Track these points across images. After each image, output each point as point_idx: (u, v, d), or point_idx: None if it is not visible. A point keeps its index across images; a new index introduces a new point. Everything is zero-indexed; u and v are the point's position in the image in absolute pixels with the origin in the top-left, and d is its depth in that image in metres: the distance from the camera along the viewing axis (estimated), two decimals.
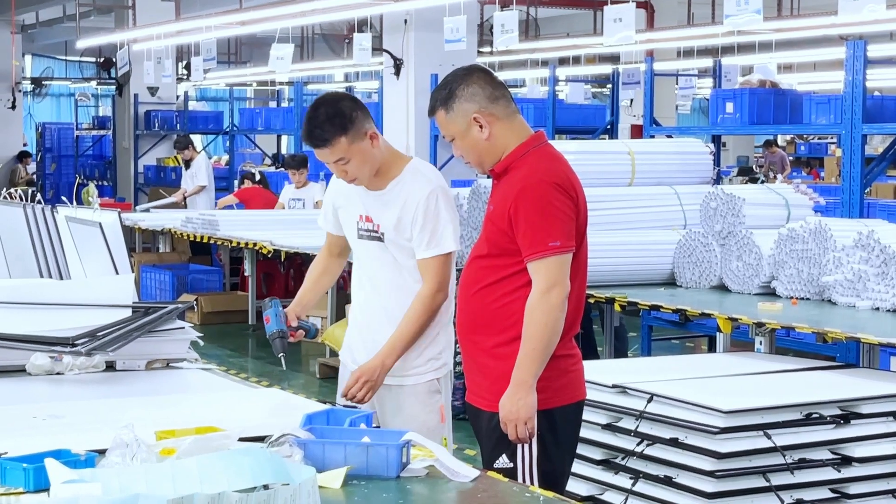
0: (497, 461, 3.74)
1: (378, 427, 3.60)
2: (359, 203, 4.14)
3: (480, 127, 3.72)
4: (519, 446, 3.70)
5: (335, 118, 3.92)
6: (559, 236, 3.63)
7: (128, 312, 4.14)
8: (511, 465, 3.72)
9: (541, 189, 3.65)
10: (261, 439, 2.91)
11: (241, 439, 2.90)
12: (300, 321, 4.24)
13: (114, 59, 20.66)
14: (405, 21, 12.91)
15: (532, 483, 3.69)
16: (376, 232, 4.10)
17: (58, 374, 3.98)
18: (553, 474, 3.76)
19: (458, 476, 2.85)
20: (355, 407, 3.90)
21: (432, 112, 3.81)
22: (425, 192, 4.01)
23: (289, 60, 14.21)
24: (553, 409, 3.74)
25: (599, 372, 5.56)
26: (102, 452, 2.70)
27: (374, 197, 4.09)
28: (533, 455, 3.73)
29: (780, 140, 24.25)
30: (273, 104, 25.72)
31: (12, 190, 5.60)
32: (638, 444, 5.16)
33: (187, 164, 16.43)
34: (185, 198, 16.01)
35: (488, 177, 3.89)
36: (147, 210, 15.37)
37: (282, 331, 4.16)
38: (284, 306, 4.25)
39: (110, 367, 4.08)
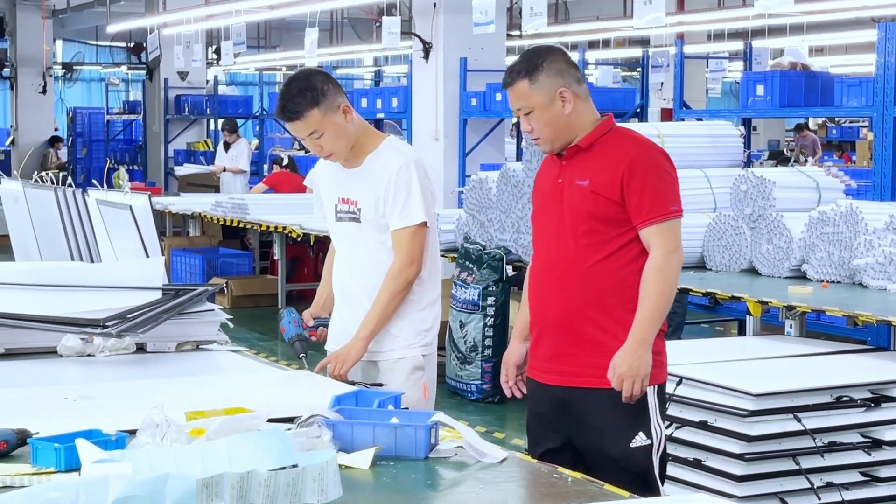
0: (634, 440, 3.71)
1: None
2: (336, 185, 4.20)
3: (563, 103, 3.72)
4: (653, 422, 3.71)
5: (307, 91, 3.98)
6: (676, 201, 3.75)
7: (158, 294, 4.16)
8: (648, 441, 3.72)
9: (655, 157, 3.75)
10: (290, 420, 2.93)
11: (270, 420, 2.92)
12: (318, 319, 4.27)
13: (144, 44, 20.72)
14: (434, 4, 12.88)
15: (659, 461, 3.74)
16: (354, 213, 4.14)
17: (89, 355, 4.01)
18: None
19: (487, 457, 2.85)
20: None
21: (511, 83, 3.74)
22: (398, 164, 4.05)
23: (315, 44, 14.22)
24: (663, 384, 3.80)
25: None
26: (133, 433, 2.72)
27: (350, 175, 4.15)
28: (662, 430, 3.76)
29: (812, 124, 24.12)
30: None
31: (44, 174, 5.63)
32: (667, 427, 5.15)
33: (227, 146, 16.52)
34: (223, 170, 16.18)
35: (559, 154, 3.81)
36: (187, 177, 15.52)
37: (299, 334, 4.20)
38: (301, 310, 4.31)
39: (141, 348, 4.10)
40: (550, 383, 3.81)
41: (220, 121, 18.87)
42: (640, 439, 3.71)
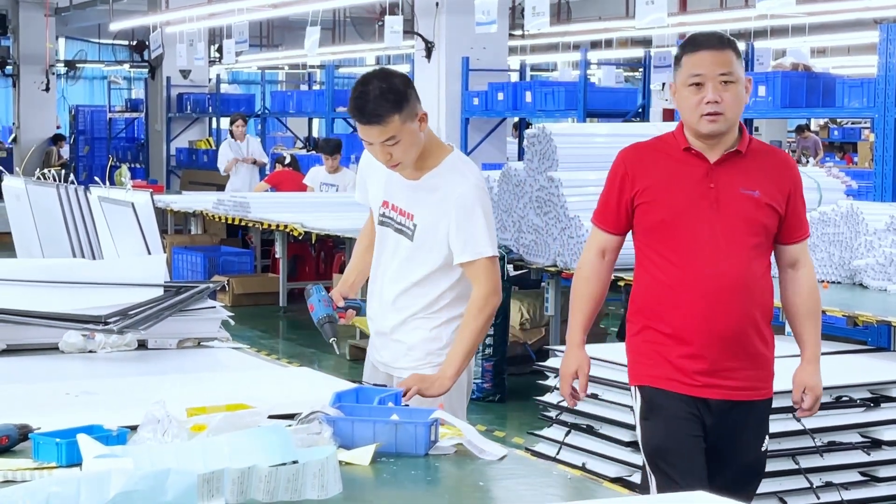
0: (763, 444, 3.81)
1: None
2: (384, 186, 3.93)
3: (746, 91, 3.68)
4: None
5: (389, 94, 3.66)
6: None
7: (160, 291, 4.17)
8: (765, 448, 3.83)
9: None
10: (290, 417, 2.93)
11: (271, 417, 2.92)
12: (347, 301, 4.03)
13: (146, 42, 20.75)
14: (437, 4, 12.91)
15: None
16: (407, 228, 3.88)
17: (90, 351, 4.02)
18: None
19: (486, 454, 2.86)
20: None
21: (721, 47, 3.58)
22: (460, 191, 3.77)
23: (317, 42, 14.22)
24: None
25: None
26: (134, 428, 2.72)
27: (406, 186, 3.87)
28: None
29: (814, 125, 24.11)
30: (304, 87, 25.76)
31: (46, 171, 5.64)
32: None
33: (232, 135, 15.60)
34: (254, 162, 15.35)
35: (692, 152, 3.64)
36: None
37: (329, 315, 3.95)
38: (328, 289, 4.09)
39: (142, 345, 4.11)
40: (708, 397, 3.67)
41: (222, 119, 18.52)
42: (766, 443, 3.82)
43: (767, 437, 3.82)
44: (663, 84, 16.28)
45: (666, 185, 3.67)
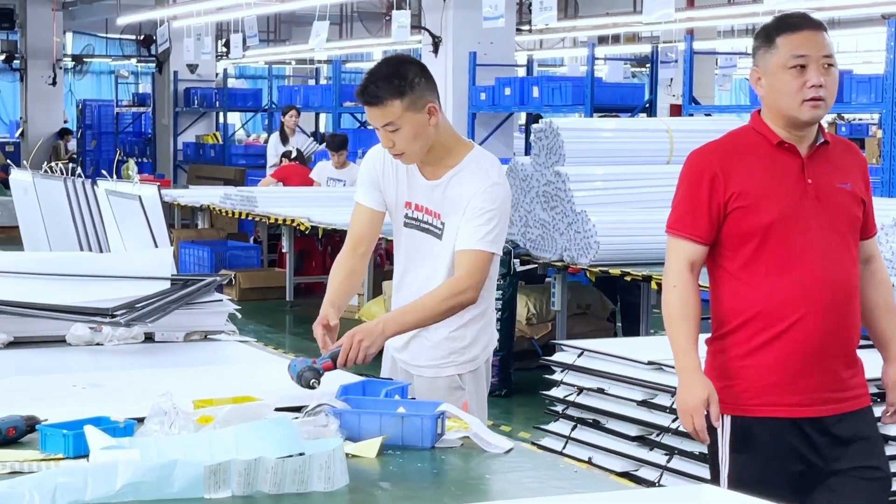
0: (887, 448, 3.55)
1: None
2: (406, 186, 3.82)
3: None
4: None
5: (394, 78, 3.61)
6: None
7: (166, 284, 4.18)
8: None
9: None
10: (297, 409, 2.94)
11: (278, 409, 2.93)
12: (332, 349, 3.53)
13: (154, 37, 20.77)
14: None
15: None
16: (433, 226, 3.80)
17: (97, 344, 4.03)
18: None
19: (492, 447, 2.87)
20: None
21: (819, 28, 3.33)
22: (480, 187, 3.68)
23: (324, 38, 14.22)
24: None
25: (636, 348, 5.56)
26: (141, 420, 2.73)
27: (427, 186, 3.78)
28: None
29: (822, 122, 24.05)
30: (311, 82, 25.77)
31: (53, 164, 5.65)
32: (673, 421, 5.16)
33: (284, 137, 14.70)
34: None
35: (781, 145, 3.36)
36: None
37: (308, 367, 3.36)
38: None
39: (149, 338, 4.12)
40: (824, 415, 3.38)
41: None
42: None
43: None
44: (671, 79, 16.29)
45: (763, 186, 3.34)
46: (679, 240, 3.43)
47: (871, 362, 5.36)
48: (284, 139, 14.66)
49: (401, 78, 3.62)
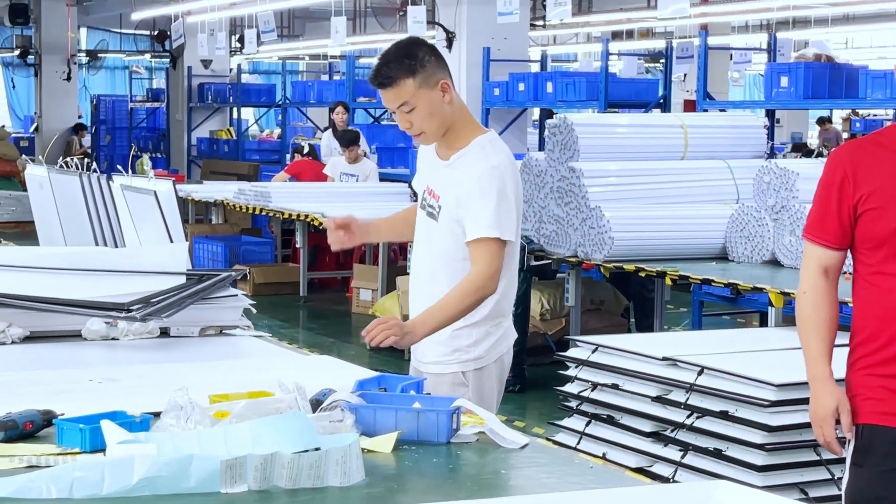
0: None
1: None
2: (429, 172, 3.91)
3: None
4: None
5: (405, 59, 3.71)
6: None
7: (182, 279, 4.18)
8: None
9: None
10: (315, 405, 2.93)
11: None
12: None
13: (168, 32, 20.79)
14: None
15: None
16: (433, 207, 3.85)
17: (113, 339, 4.04)
18: None
19: (508, 443, 2.86)
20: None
21: None
22: (479, 171, 3.72)
23: (343, 34, 14.22)
24: None
25: (650, 344, 5.56)
26: (157, 415, 2.73)
27: (439, 166, 3.86)
28: None
29: (836, 117, 24.03)
30: (325, 77, 25.78)
31: (68, 159, 5.66)
32: (688, 417, 5.16)
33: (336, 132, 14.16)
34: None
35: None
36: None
37: None
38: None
39: (164, 332, 4.13)
40: None
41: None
42: None
43: None
44: (685, 75, 16.25)
45: (874, 178, 3.20)
46: (811, 244, 3.32)
47: None
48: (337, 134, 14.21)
49: (411, 57, 3.71)
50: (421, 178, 3.98)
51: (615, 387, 5.42)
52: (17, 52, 24.53)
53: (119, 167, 5.40)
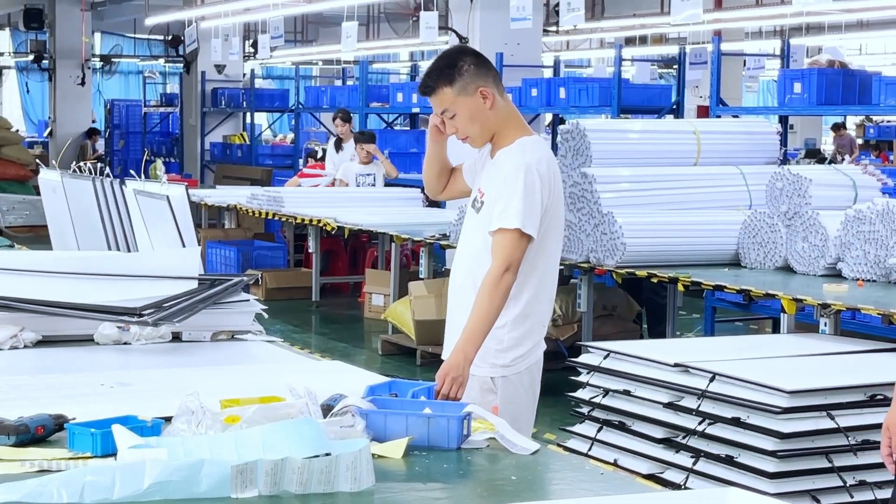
0: None
1: None
2: (481, 174, 4.02)
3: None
4: None
5: (445, 69, 3.89)
6: None
7: (194, 284, 4.19)
8: None
9: None
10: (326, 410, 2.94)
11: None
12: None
13: (182, 37, 20.85)
14: (471, 0, 12.90)
15: None
16: (478, 200, 3.95)
17: (125, 343, 4.05)
18: None
19: (519, 448, 2.86)
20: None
21: None
22: (512, 166, 3.84)
23: (354, 39, 14.23)
24: None
25: (662, 350, 5.55)
26: (168, 419, 2.74)
27: (487, 166, 3.99)
28: None
29: (850, 123, 23.99)
30: (338, 83, 25.80)
31: (82, 164, 5.68)
32: (699, 423, 5.15)
33: (339, 144, 13.78)
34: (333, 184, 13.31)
35: None
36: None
37: None
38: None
39: (176, 337, 4.13)
40: None
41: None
42: None
43: None
44: (698, 81, 16.22)
45: None
46: None
47: None
48: (338, 146, 13.82)
49: (451, 67, 3.89)
50: (476, 181, 4.06)
51: (627, 393, 5.41)
52: (31, 57, 24.62)
53: (132, 172, 5.42)
